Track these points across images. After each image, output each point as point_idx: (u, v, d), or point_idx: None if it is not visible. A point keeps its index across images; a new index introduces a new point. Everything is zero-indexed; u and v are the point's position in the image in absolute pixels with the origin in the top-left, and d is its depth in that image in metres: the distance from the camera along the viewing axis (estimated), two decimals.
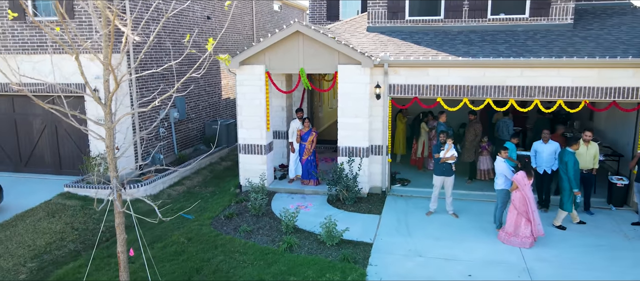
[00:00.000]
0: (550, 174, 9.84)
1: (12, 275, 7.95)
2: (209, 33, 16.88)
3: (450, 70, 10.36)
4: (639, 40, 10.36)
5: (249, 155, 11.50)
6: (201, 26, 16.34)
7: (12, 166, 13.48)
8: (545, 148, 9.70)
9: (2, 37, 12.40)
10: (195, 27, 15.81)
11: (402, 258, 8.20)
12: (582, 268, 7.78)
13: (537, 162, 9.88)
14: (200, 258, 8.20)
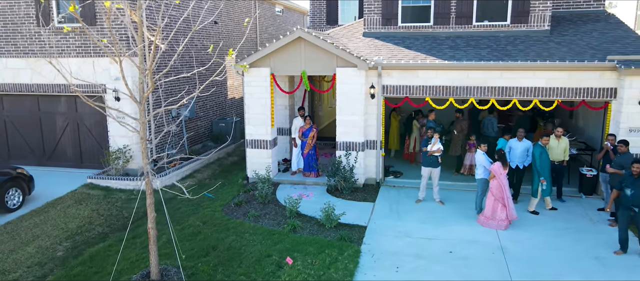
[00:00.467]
0: (522, 169, 10.90)
1: (51, 252, 9.06)
2: (216, 37, 17.97)
3: (437, 73, 11.47)
4: (607, 45, 11.47)
5: (255, 149, 12.62)
6: (209, 30, 17.43)
7: (36, 160, 14.58)
8: (519, 146, 10.75)
9: (30, 42, 13.49)
10: (203, 31, 16.91)
11: (392, 238, 9.30)
12: (550, 247, 8.89)
13: (511, 157, 10.95)
14: (214, 238, 9.31)
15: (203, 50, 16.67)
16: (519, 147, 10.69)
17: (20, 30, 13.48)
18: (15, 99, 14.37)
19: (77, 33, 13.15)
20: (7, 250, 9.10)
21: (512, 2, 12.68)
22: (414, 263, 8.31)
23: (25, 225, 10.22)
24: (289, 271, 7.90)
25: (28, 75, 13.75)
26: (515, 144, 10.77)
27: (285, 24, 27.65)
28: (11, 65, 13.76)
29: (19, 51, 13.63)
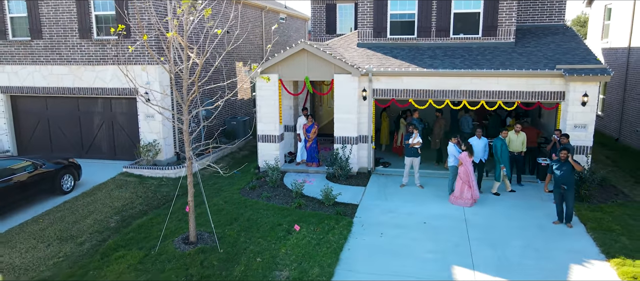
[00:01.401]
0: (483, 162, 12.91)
1: (106, 223, 11.25)
2: (228, 44, 20.14)
3: (418, 78, 13.65)
4: (560, 56, 13.66)
5: (265, 143, 14.81)
6: (222, 38, 19.61)
7: (75, 153, 16.75)
8: (478, 143, 12.81)
9: (72, 52, 15.68)
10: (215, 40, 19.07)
11: (379, 213, 11.50)
12: (504, 218, 11.09)
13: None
14: (235, 213, 11.50)
15: (224, 59, 18.85)
16: (479, 144, 12.75)
17: (64, 42, 15.67)
18: (58, 100, 16.56)
19: (113, 44, 15.35)
20: (71, 221, 11.30)
21: (483, 18, 14.88)
22: (395, 230, 10.50)
23: (80, 203, 12.42)
24: (296, 235, 10.10)
25: (70, 80, 15.94)
26: (475, 142, 12.76)
27: (288, 31, 29.84)
28: (56, 71, 15.95)
29: (62, 59, 15.82)
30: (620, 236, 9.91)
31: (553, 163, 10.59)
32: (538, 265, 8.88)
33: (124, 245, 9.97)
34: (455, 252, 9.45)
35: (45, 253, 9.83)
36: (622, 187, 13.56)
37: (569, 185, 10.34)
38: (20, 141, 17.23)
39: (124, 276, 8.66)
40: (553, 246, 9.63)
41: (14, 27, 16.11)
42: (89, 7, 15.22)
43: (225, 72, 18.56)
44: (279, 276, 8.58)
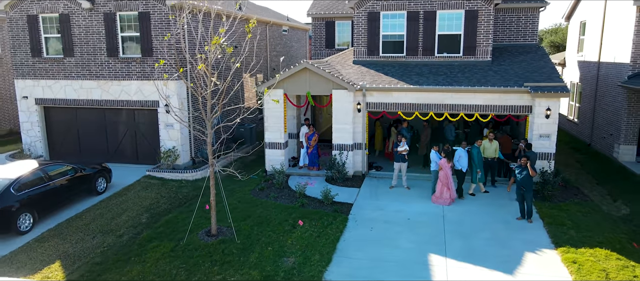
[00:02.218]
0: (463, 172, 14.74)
1: (138, 219, 13.21)
2: (235, 57, 22.08)
3: (406, 94, 15.59)
4: (529, 74, 15.61)
5: (272, 149, 16.76)
6: (233, 55, 21.54)
7: (102, 158, 18.69)
8: (464, 154, 14.62)
9: (101, 69, 17.63)
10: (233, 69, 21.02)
11: (370, 211, 13.45)
12: (475, 215, 13.04)
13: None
14: (248, 210, 13.46)
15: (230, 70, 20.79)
16: (464, 155, 14.50)
17: (93, 60, 17.62)
18: (87, 111, 18.51)
19: (138, 62, 17.29)
20: (108, 218, 13.26)
21: (463, 40, 16.84)
22: (383, 225, 12.45)
23: (113, 202, 14.38)
24: (300, 229, 12.05)
25: (98, 93, 17.90)
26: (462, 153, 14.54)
27: (290, 41, 31.81)
28: (86, 85, 17.90)
29: (92, 75, 17.77)
30: (569, 230, 11.87)
31: (516, 169, 12.55)
32: (498, 252, 10.84)
33: (157, 237, 11.93)
34: (432, 242, 11.40)
35: (92, 243, 11.78)
36: (583, 188, 15.52)
37: (528, 187, 12.29)
38: (52, 147, 19.19)
39: (160, 262, 10.61)
40: (513, 238, 11.58)
41: (48, 46, 18.06)
42: (116, 29, 17.18)
43: (234, 85, 20.47)
44: (286, 262, 10.52)
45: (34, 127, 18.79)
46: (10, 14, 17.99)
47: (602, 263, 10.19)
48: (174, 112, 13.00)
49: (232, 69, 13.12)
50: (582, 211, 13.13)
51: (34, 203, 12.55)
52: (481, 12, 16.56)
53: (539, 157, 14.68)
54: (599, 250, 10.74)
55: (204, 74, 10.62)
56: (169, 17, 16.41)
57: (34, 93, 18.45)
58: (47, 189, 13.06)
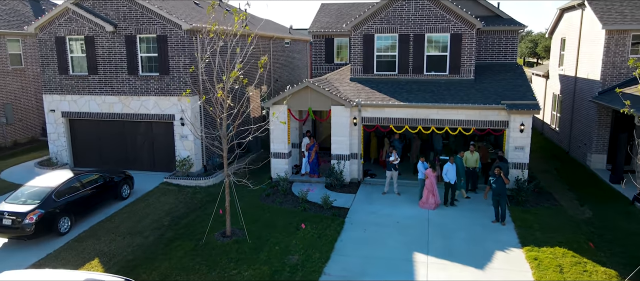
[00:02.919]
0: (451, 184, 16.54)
1: (160, 222, 15.00)
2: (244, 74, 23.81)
3: (397, 109, 17.39)
4: (507, 91, 17.40)
5: (277, 159, 18.56)
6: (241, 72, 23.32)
7: (121, 165, 20.48)
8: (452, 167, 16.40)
9: (122, 86, 19.44)
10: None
11: (364, 214, 15.25)
12: (456, 218, 14.84)
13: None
14: (257, 214, 15.25)
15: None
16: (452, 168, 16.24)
17: (115, 77, 19.43)
18: (109, 123, 20.31)
19: (156, 79, 19.09)
20: (134, 220, 15.07)
21: (449, 60, 18.65)
22: (375, 227, 14.25)
23: (137, 207, 16.19)
24: (303, 231, 13.85)
25: (119, 107, 19.70)
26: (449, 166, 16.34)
27: (292, 53, 33.63)
28: (108, 100, 19.71)
29: (114, 91, 19.57)
30: (536, 232, 13.68)
31: (491, 178, 14.35)
32: (473, 250, 12.64)
33: (178, 237, 13.75)
34: (416, 242, 13.21)
35: (123, 243, 13.58)
36: (556, 193, 17.33)
37: (502, 194, 14.10)
38: (76, 155, 20.99)
39: (183, 259, 12.42)
40: (487, 238, 13.40)
41: (74, 64, 19.87)
42: (136, 50, 18.99)
43: (240, 95, 22.28)
44: (291, 259, 12.32)
45: (60, 137, 20.60)
46: (40, 35, 19.80)
47: (558, 259, 12.00)
48: (189, 125, 14.78)
49: (245, 95, 14.87)
50: (550, 215, 14.95)
51: (71, 208, 14.35)
52: (465, 36, 18.38)
53: (515, 167, 16.48)
54: (558, 249, 12.55)
55: (222, 100, 12.39)
56: (196, 40, 18.21)
57: (61, 107, 20.26)
58: (82, 196, 14.87)
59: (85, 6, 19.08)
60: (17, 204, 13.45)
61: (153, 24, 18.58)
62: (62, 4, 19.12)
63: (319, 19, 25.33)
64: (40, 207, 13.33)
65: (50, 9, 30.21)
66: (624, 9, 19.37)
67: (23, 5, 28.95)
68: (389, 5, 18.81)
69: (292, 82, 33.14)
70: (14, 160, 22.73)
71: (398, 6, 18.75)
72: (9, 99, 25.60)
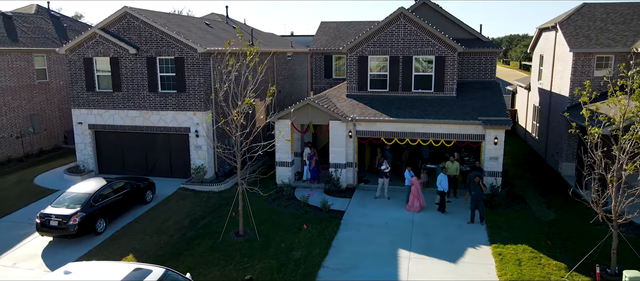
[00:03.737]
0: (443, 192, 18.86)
1: (182, 223, 17.27)
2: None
3: (387, 124, 19.65)
4: (484, 108, 19.65)
5: (281, 167, 20.84)
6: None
7: (141, 172, 22.77)
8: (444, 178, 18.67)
9: (143, 101, 21.73)
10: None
11: (358, 216, 17.52)
12: (438, 219, 17.12)
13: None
14: (265, 216, 17.52)
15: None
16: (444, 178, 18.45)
17: (137, 94, 21.72)
18: (131, 135, 22.59)
19: (173, 96, 21.38)
20: (159, 222, 17.36)
21: (434, 79, 20.94)
22: (367, 227, 16.53)
23: (160, 210, 18.47)
24: (304, 231, 16.13)
25: (141, 121, 22.00)
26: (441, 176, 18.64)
27: (294, 65, 35.88)
28: (130, 114, 22.01)
29: (136, 106, 21.87)
30: (503, 231, 15.96)
31: (471, 185, 16.62)
32: (447, 246, 14.93)
33: (198, 236, 16.04)
34: (401, 240, 15.49)
35: (151, 241, 15.86)
36: (527, 197, 19.60)
37: (479, 199, 16.38)
38: (101, 163, 23.29)
39: (205, 254, 14.69)
40: (461, 237, 15.68)
41: (100, 82, 22.17)
42: (156, 70, 21.28)
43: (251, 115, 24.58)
44: (295, 254, 14.59)
45: (86, 147, 22.90)
46: (70, 56, 22.10)
47: (519, 254, 14.29)
48: (203, 137, 17.00)
49: (255, 118, 17.11)
50: (518, 217, 17.23)
51: (106, 211, 16.63)
52: (448, 58, 20.67)
53: (490, 175, 18.76)
54: (520, 246, 14.84)
55: (236, 124, 14.68)
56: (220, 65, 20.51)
57: (88, 120, 22.56)
58: (113, 200, 17.15)
59: (111, 31, 21.38)
60: (61, 208, 15.74)
61: (171, 47, 20.88)
62: (91, 30, 21.43)
63: (319, 37, 27.64)
64: (82, 211, 15.63)
65: (69, 25, 32.59)
66: (590, 33, 21.67)
67: (46, 22, 31.28)
68: (381, 30, 21.12)
69: (294, 93, 35.44)
70: (43, 167, 25.02)
71: (389, 31, 21.06)
72: (36, 110, 27.91)
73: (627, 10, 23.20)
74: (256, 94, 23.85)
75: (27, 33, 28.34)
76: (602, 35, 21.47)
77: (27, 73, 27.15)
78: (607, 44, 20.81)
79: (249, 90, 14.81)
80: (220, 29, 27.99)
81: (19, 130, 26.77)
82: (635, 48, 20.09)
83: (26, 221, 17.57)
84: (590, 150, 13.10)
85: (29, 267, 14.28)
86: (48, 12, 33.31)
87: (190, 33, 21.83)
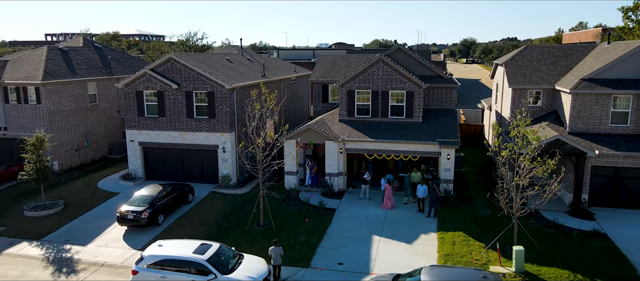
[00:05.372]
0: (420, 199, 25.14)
1: (216, 218, 23.34)
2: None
3: (368, 143, 25.75)
4: (442, 130, 25.74)
5: (289, 175, 26.95)
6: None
7: (179, 179, 28.87)
8: (420, 187, 24.92)
9: (182, 124, 27.88)
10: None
11: (346, 213, 23.61)
12: (404, 214, 23.25)
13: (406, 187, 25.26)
14: (277, 212, 23.59)
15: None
16: (420, 188, 24.77)
17: (177, 118, 27.85)
18: (171, 150, 28.68)
19: (205, 121, 27.50)
20: (200, 217, 23.39)
21: (405, 108, 27.06)
22: (352, 221, 22.64)
23: (199, 208, 24.59)
24: (307, 223, 22.25)
25: (180, 139, 28.11)
26: (420, 187, 24.94)
27: (297, 87, 42.02)
28: (172, 135, 28.12)
29: (176, 128, 27.99)
30: (449, 223, 22.07)
31: (430, 191, 22.74)
32: (407, 233, 21.04)
33: (231, 227, 22.15)
34: (375, 229, 21.58)
35: (197, 230, 21.93)
36: (475, 199, 25.68)
37: (435, 200, 22.48)
38: (147, 172, 29.40)
39: (237, 239, 20.76)
40: (419, 228, 21.78)
41: (148, 109, 28.29)
42: (192, 100, 27.42)
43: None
44: (300, 238, 20.68)
45: (137, 159, 29.04)
46: (125, 89, 28.25)
47: (455, 238, 20.41)
48: (229, 153, 22.98)
49: (273, 145, 23.22)
50: (463, 213, 23.34)
51: (163, 208, 22.74)
52: (415, 92, 26.82)
53: (444, 182, 24.88)
54: (457, 233, 20.96)
55: (259, 147, 20.81)
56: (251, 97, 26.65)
57: (138, 138, 28.70)
58: (167, 201, 23.26)
59: (158, 71, 27.54)
60: (134, 206, 21.86)
61: (204, 84, 27.03)
62: (142, 70, 27.58)
63: (317, 69, 33.81)
64: (149, 208, 21.76)
65: (111, 56, 38.73)
66: (526, 72, 27.81)
67: (92, 53, 37.47)
68: (365, 71, 27.27)
69: (297, 110, 41.61)
70: (99, 174, 31.16)
71: (371, 72, 27.22)
72: (88, 128, 34.05)
73: (558, 52, 29.35)
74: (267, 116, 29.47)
75: (80, 64, 34.49)
76: (535, 74, 27.61)
77: (82, 98, 33.29)
78: (537, 82, 26.95)
79: (268, 127, 20.87)
80: (239, 63, 34.19)
81: (77, 144, 32.91)
82: (558, 85, 26.21)
83: (103, 215, 23.73)
84: (499, 166, 19.23)
85: (116, 247, 20.42)
86: (92, 44, 39.53)
87: (218, 72, 27.98)
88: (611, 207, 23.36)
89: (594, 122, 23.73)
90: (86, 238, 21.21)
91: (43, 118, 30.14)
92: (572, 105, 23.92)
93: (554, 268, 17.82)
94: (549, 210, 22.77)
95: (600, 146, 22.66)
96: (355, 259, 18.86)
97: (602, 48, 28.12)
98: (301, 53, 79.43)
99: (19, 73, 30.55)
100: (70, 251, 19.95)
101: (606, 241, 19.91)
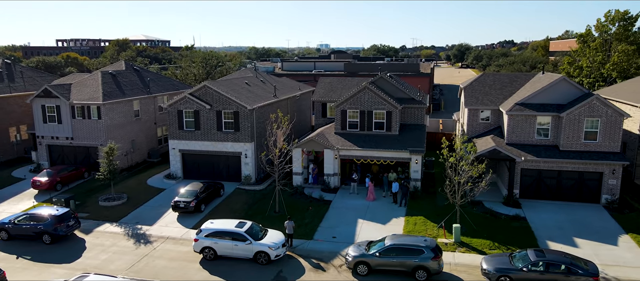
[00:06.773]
0: (395, 193, 32.69)
1: (242, 207, 30.87)
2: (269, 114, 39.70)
3: (357, 151, 33.25)
4: (413, 141, 33.28)
5: (296, 175, 34.48)
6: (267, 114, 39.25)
7: (210, 178, 36.40)
8: (395, 185, 32.46)
9: (213, 136, 35.44)
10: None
11: (339, 204, 31.09)
12: (382, 204, 30.78)
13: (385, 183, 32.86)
14: (288, 203, 30.97)
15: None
16: (396, 186, 32.40)
17: (209, 131, 35.40)
18: (204, 155, 36.19)
19: (231, 134, 35.08)
20: (231, 207, 31.01)
21: (385, 123, 34.62)
22: (344, 209, 30.14)
23: (228, 200, 32.13)
24: (310, 211, 29.80)
25: (211, 148, 35.63)
26: (385, 179, 32.54)
27: (301, 101, 49.55)
28: (206, 144, 35.65)
29: (208, 139, 35.54)
30: (415, 211, 29.60)
31: (401, 187, 30.33)
32: (383, 217, 28.56)
33: (254, 213, 29.70)
34: (360, 215, 29.09)
35: (230, 216, 29.39)
36: (437, 193, 33.24)
37: (406, 194, 30.06)
38: (185, 172, 36.94)
39: (260, 221, 28.25)
40: (392, 213, 29.30)
41: (187, 124, 35.92)
42: (221, 117, 35.01)
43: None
44: (305, 220, 28.19)
45: (177, 163, 36.63)
46: (169, 108, 35.83)
47: (417, 220, 27.98)
48: (250, 158, 30.54)
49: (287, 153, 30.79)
50: (427, 203, 30.82)
51: (203, 200, 30.27)
52: (393, 112, 34.40)
53: (414, 180, 32.43)
54: (419, 217, 28.50)
55: (275, 156, 28.44)
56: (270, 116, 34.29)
57: (178, 146, 36.29)
58: (206, 194, 30.79)
59: (195, 94, 35.15)
60: (184, 198, 29.46)
61: (231, 105, 34.62)
62: (182, 95, 35.18)
63: (318, 90, 41.46)
64: (195, 199, 29.33)
65: (149, 77, 46.29)
66: (479, 95, 35.37)
67: (132, 75, 45.08)
68: (354, 95, 34.85)
69: (301, 121, 49.19)
70: (145, 174, 38.72)
71: (359, 96, 34.81)
72: (133, 137, 41.63)
73: (506, 78, 36.92)
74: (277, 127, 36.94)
75: (126, 86, 42.10)
76: (486, 97, 35.18)
77: (129, 113, 40.89)
78: (486, 104, 34.50)
79: (282, 142, 28.50)
80: (255, 85, 41.84)
81: (126, 150, 40.52)
82: (501, 107, 33.73)
83: (159, 205, 31.29)
84: (446, 168, 26.83)
85: (174, 226, 28.01)
86: (132, 67, 47.20)
87: (240, 95, 35.59)
88: (536, 199, 30.93)
89: (524, 135, 31.30)
90: (150, 221, 28.82)
91: (102, 130, 37.78)
92: (508, 123, 31.50)
93: (482, 239, 25.41)
94: (490, 200, 30.37)
95: (527, 154, 30.25)
96: (345, 234, 26.43)
97: (538, 77, 35.76)
98: (303, 64, 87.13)
99: (83, 95, 38.20)
100: (141, 230, 27.56)
101: (523, 222, 27.51)
